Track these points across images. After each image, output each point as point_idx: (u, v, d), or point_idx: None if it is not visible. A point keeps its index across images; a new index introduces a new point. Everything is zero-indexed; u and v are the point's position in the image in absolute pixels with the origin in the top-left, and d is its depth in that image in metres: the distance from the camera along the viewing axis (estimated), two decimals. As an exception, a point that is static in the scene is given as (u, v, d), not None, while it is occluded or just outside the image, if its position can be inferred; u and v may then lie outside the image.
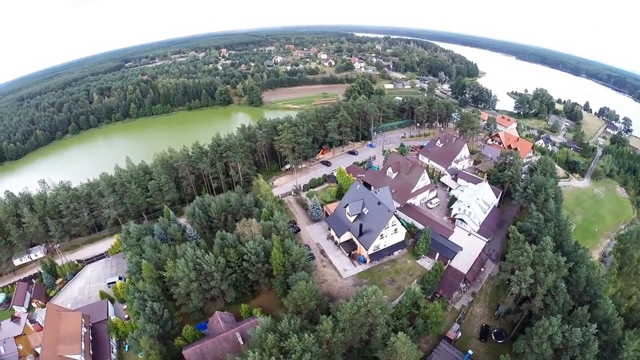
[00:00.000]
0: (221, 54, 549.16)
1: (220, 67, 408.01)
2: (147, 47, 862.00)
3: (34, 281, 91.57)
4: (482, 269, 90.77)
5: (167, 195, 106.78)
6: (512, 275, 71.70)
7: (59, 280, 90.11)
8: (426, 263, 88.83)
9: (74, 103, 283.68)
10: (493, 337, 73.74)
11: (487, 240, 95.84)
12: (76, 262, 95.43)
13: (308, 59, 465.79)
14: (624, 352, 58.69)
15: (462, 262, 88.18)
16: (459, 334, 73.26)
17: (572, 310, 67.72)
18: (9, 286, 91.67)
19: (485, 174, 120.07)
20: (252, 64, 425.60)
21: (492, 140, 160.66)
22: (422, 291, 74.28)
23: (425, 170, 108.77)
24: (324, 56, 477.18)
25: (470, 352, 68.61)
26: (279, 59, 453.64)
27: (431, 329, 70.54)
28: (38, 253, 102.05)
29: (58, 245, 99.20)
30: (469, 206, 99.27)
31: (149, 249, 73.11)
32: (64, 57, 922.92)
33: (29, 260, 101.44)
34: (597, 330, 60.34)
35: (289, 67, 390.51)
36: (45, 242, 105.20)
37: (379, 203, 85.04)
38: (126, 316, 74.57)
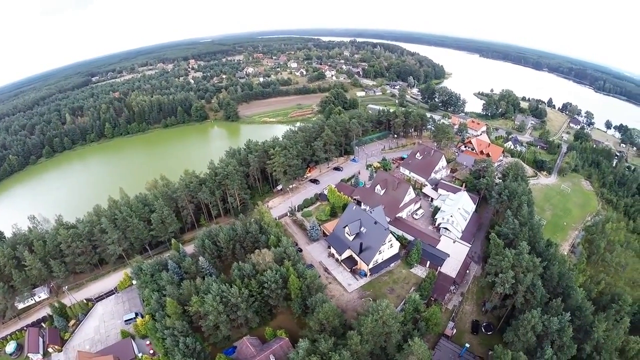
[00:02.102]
0: (190, 66, 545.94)
1: (192, 81, 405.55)
2: (113, 58, 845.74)
3: (43, 325, 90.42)
4: (468, 271, 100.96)
5: (170, 227, 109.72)
6: (496, 277, 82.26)
7: (71, 322, 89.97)
8: (419, 271, 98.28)
9: (46, 125, 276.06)
10: (483, 330, 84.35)
11: (470, 245, 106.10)
12: (85, 300, 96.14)
13: (279, 68, 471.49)
14: (595, 334, 70.84)
15: (450, 268, 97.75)
16: (455, 331, 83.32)
17: (549, 302, 79.05)
18: (17, 332, 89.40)
19: (464, 184, 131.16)
20: (224, 76, 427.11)
21: (465, 147, 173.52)
22: (421, 297, 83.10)
23: (411, 186, 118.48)
24: (294, 65, 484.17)
25: (467, 345, 77.89)
26: (250, 69, 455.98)
27: (432, 329, 79.24)
28: (42, 294, 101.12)
29: (67, 287, 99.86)
30: (452, 216, 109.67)
31: (169, 287, 77.50)
32: (27, 71, 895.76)
33: (33, 302, 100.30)
34: (571, 317, 72.11)
35: (261, 79, 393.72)
36: (48, 282, 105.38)
37: (375, 222, 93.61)
38: (151, 351, 78.41)
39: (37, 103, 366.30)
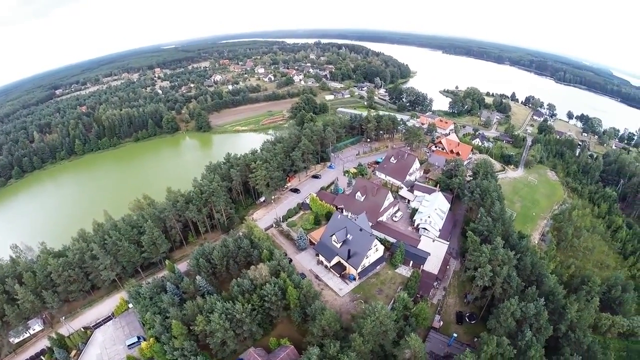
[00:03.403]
0: (156, 75, 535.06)
1: (160, 91, 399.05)
2: (75, 68, 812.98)
3: (43, 358, 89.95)
4: (448, 267, 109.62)
5: (162, 247, 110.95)
6: (476, 271, 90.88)
7: (72, 353, 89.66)
8: (403, 271, 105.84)
9: (13, 144, 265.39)
10: (467, 320, 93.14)
11: (448, 242, 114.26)
12: (82, 329, 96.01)
13: (247, 75, 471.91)
14: (568, 314, 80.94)
15: (432, 265, 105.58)
16: (441, 323, 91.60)
17: (524, 290, 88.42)
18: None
19: (437, 184, 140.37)
20: (192, 85, 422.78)
21: (436, 147, 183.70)
22: (408, 295, 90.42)
23: (389, 191, 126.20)
24: (262, 70, 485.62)
25: (454, 335, 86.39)
26: (218, 77, 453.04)
27: (421, 323, 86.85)
28: (36, 327, 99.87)
29: (64, 317, 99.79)
30: (429, 216, 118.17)
31: (172, 309, 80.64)
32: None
33: (28, 335, 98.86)
34: (545, 302, 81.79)
35: (230, 87, 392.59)
36: (40, 314, 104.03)
37: (360, 229, 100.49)
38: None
39: (1, 121, 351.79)
